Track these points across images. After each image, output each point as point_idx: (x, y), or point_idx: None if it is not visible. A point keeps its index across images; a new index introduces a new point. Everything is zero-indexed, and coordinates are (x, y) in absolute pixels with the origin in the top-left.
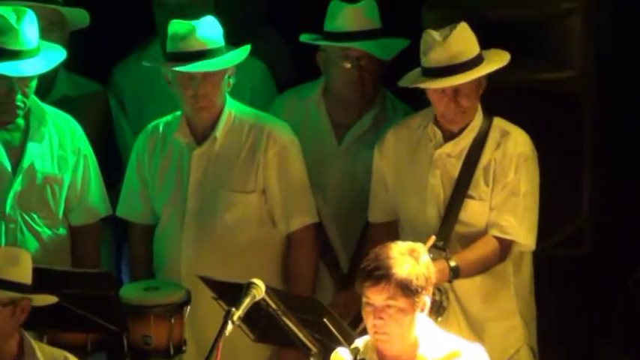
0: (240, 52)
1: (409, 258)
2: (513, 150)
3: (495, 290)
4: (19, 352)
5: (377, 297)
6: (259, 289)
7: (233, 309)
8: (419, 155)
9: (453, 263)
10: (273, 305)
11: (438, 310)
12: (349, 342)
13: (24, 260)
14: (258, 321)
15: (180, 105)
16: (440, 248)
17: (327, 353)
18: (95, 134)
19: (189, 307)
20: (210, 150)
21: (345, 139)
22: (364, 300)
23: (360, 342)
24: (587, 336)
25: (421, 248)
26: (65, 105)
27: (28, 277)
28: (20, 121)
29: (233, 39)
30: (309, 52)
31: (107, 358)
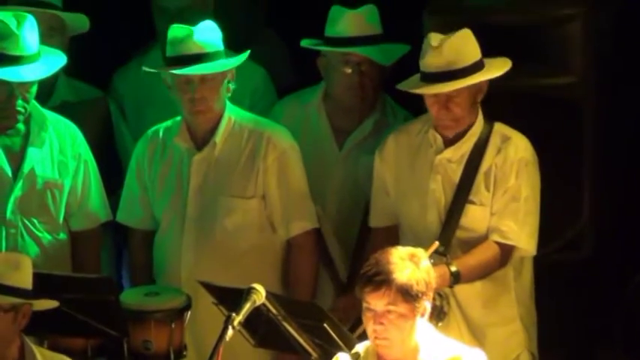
0: (238, 57)
1: (409, 263)
2: (514, 155)
3: (496, 295)
4: (20, 357)
5: (377, 302)
6: (260, 295)
7: (233, 314)
8: (419, 160)
9: (454, 268)
10: (273, 310)
11: (439, 316)
12: (349, 347)
13: (25, 265)
14: (258, 326)
15: (180, 110)
16: (441, 253)
17: (328, 358)
18: (95, 140)
19: (189, 313)
20: (210, 155)
21: (346, 145)
22: (364, 305)
23: (361, 347)
24: (587, 340)
25: (421, 253)
26: (65, 110)
27: (29, 283)
28: (21, 127)
29: (233, 44)
30: (309, 57)
31: None
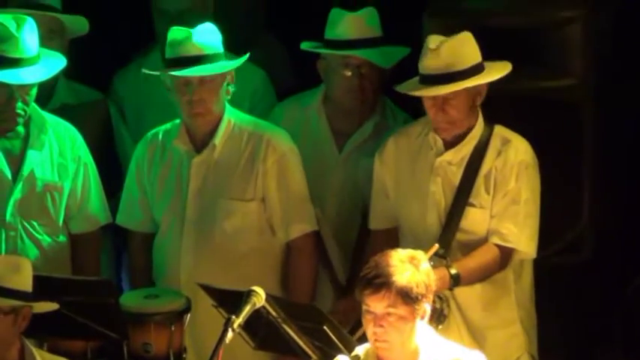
0: (236, 59)
1: (409, 265)
2: (514, 158)
3: (496, 298)
4: None
5: (377, 305)
6: (259, 297)
7: (233, 317)
8: (420, 163)
9: (454, 271)
10: (273, 313)
11: (439, 318)
12: (349, 349)
13: (25, 268)
14: (258, 329)
15: (179, 112)
16: (441, 256)
17: None
18: (95, 142)
19: (189, 315)
20: (209, 158)
21: (346, 147)
22: (364, 308)
23: (361, 350)
24: (587, 343)
25: (421, 256)
26: (65, 113)
27: (29, 285)
28: (20, 129)
29: (233, 46)
30: (309, 60)
31: None
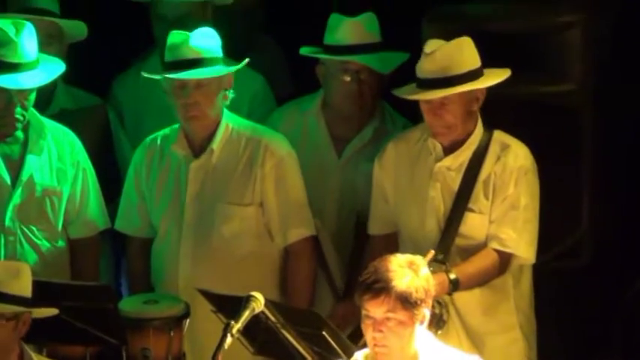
0: (233, 63)
1: (408, 270)
2: (513, 163)
3: (495, 303)
4: None
5: (376, 310)
6: (258, 302)
7: (232, 322)
8: (419, 168)
9: (453, 276)
10: (272, 318)
11: (438, 324)
12: (348, 355)
13: (24, 273)
14: (257, 334)
15: (177, 117)
16: (440, 261)
17: None
18: (94, 147)
19: (188, 320)
20: (207, 163)
21: (345, 152)
22: (364, 313)
23: (360, 355)
24: (586, 348)
25: (420, 261)
26: (64, 118)
27: (29, 290)
28: (19, 134)
29: (231, 51)
30: (308, 65)
31: None
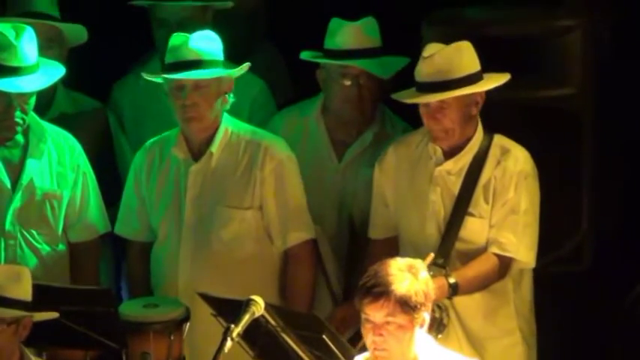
0: (234, 67)
1: (408, 274)
2: (513, 168)
3: (496, 308)
4: None
5: (376, 313)
6: (258, 306)
7: (232, 325)
8: (419, 172)
9: (452, 280)
10: (272, 322)
11: (438, 328)
12: (348, 358)
13: (25, 277)
14: (257, 338)
15: (176, 119)
16: (440, 265)
17: None
18: (94, 151)
19: (188, 324)
20: (206, 166)
21: (345, 157)
22: (364, 317)
23: (360, 358)
24: (586, 352)
25: (420, 264)
26: (64, 122)
27: (29, 294)
28: (19, 138)
29: (232, 55)
30: (308, 69)
31: None
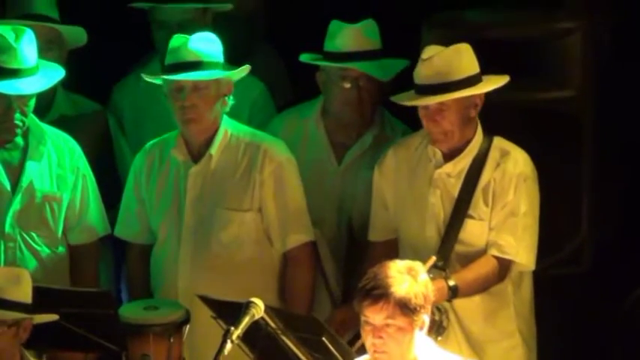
0: (233, 69)
1: (407, 277)
2: (513, 170)
3: (495, 310)
4: None
5: (376, 316)
6: (258, 308)
7: (232, 328)
8: (419, 175)
9: (452, 282)
10: (272, 324)
11: (438, 330)
12: None
13: (24, 279)
14: (257, 340)
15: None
16: (440, 268)
17: None
18: (94, 153)
19: (188, 326)
20: (206, 168)
21: (345, 159)
22: (363, 319)
23: None
24: (586, 354)
25: (419, 267)
26: (64, 124)
27: (29, 297)
28: (19, 140)
29: (232, 58)
30: (308, 72)
31: None
